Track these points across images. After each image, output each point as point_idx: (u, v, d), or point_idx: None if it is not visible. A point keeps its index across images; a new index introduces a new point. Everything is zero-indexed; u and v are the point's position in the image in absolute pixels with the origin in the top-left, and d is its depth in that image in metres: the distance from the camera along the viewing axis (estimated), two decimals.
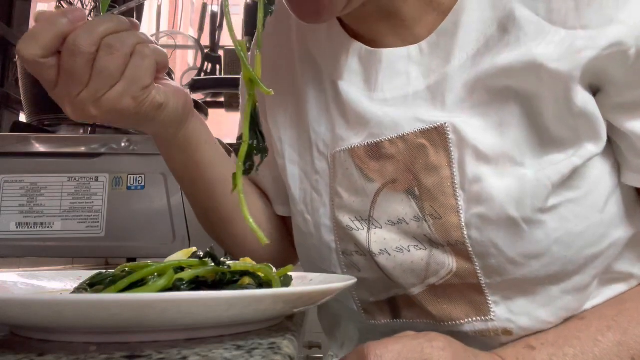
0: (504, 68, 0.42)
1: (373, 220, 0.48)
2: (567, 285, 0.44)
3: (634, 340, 0.43)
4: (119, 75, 0.41)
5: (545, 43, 0.41)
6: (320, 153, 0.52)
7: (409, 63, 0.47)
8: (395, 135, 0.46)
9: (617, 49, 0.39)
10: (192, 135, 0.52)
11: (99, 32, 0.40)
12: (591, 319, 0.45)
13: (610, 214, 0.44)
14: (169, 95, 0.46)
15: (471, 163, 0.43)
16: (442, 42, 0.46)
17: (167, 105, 0.46)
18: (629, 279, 0.48)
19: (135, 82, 0.42)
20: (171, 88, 0.47)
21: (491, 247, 0.43)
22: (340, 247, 0.50)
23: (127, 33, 0.42)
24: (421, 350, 0.39)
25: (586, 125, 0.42)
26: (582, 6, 0.40)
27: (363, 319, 0.52)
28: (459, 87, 0.44)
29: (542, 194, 0.41)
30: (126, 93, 0.42)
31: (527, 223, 0.42)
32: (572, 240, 0.43)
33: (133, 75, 0.42)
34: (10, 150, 0.79)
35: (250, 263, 0.38)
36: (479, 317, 0.46)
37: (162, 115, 0.46)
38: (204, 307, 0.27)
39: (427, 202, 0.45)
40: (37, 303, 0.25)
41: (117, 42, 0.40)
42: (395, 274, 0.47)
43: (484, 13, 0.44)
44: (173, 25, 2.37)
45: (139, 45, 0.42)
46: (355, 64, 0.50)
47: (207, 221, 0.62)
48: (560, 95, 0.41)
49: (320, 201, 0.51)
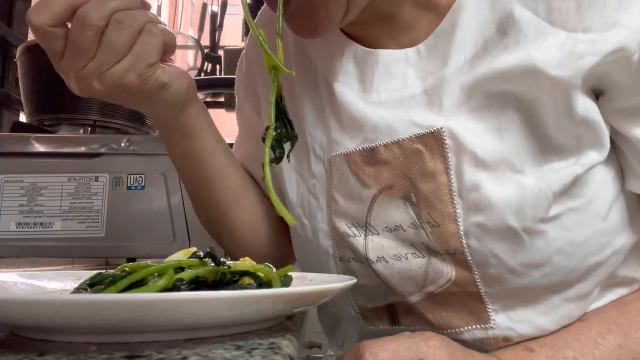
0: (503, 72, 0.41)
1: (370, 227, 0.47)
2: (568, 293, 0.43)
3: (635, 343, 0.42)
4: (126, 51, 0.41)
5: (545, 46, 0.39)
6: (317, 157, 0.51)
7: (406, 65, 0.46)
8: (391, 140, 0.45)
9: (620, 55, 0.38)
10: (193, 121, 0.52)
11: (110, 7, 0.40)
12: (592, 321, 0.44)
13: (613, 222, 0.43)
14: (173, 76, 0.46)
15: (469, 169, 0.42)
16: (439, 44, 0.44)
17: (171, 86, 0.46)
18: (633, 283, 0.47)
19: (142, 58, 0.42)
20: (176, 70, 0.47)
21: (490, 257, 0.42)
22: (338, 253, 0.50)
23: (137, 11, 0.42)
24: (417, 349, 0.39)
25: (588, 133, 0.41)
26: (583, 6, 0.39)
27: (361, 324, 0.52)
28: (456, 91, 0.43)
29: (543, 204, 0.40)
30: (131, 69, 0.42)
31: (527, 233, 0.41)
32: (574, 250, 0.41)
33: (140, 52, 0.42)
34: (10, 150, 0.79)
35: (250, 263, 0.38)
36: (479, 325, 0.45)
37: (165, 95, 0.46)
38: (204, 307, 0.27)
39: (424, 209, 0.44)
40: (37, 303, 0.25)
41: (127, 18, 0.40)
42: (393, 282, 0.46)
43: (483, 13, 0.42)
44: (173, 25, 2.37)
45: (149, 24, 0.42)
46: (351, 64, 0.49)
47: (205, 214, 0.61)
48: (560, 102, 0.40)
49: (318, 205, 0.51)
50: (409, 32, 0.47)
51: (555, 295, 0.43)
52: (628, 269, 0.46)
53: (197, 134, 0.53)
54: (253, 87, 0.61)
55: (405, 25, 0.47)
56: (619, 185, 0.44)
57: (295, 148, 0.54)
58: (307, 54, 0.54)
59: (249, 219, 0.61)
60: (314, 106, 0.52)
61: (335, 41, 0.51)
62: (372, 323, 0.51)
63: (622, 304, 0.46)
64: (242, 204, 0.60)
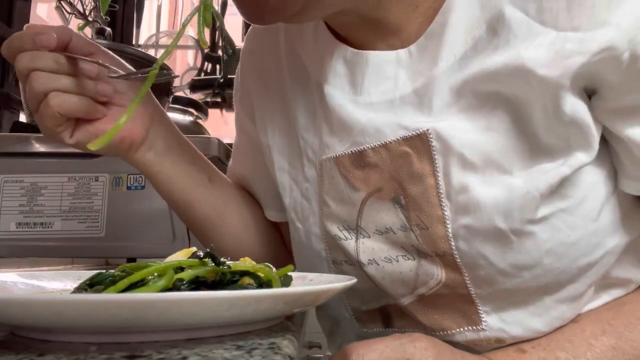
0: (493, 72, 0.40)
1: (361, 230, 0.47)
2: (560, 295, 0.43)
3: (629, 345, 0.41)
4: (35, 107, 0.47)
5: (534, 46, 0.38)
6: (309, 160, 0.51)
7: (398, 67, 0.45)
8: (378, 144, 0.45)
9: (609, 53, 0.37)
10: (143, 165, 0.54)
11: (32, 64, 0.45)
12: (586, 322, 0.44)
13: (605, 222, 0.42)
14: (86, 136, 0.49)
15: (457, 171, 0.41)
16: (430, 44, 0.44)
17: (83, 143, 0.49)
18: (628, 284, 0.47)
19: (42, 119, 0.47)
20: (99, 129, 0.50)
21: (480, 259, 0.41)
22: (330, 256, 0.49)
23: (53, 76, 0.46)
24: (403, 350, 0.39)
25: (577, 134, 0.40)
26: (573, 6, 0.38)
27: (356, 327, 0.52)
28: (445, 91, 0.42)
29: (530, 205, 0.40)
30: (41, 122, 0.48)
31: (515, 234, 0.40)
32: (565, 251, 0.41)
33: (40, 113, 0.47)
34: (10, 150, 0.79)
35: (250, 263, 0.38)
36: (471, 327, 0.45)
37: (79, 149, 0.50)
38: (204, 307, 0.27)
39: (413, 212, 0.43)
40: (37, 303, 0.25)
41: (34, 81, 0.45)
42: (385, 284, 0.46)
43: (473, 12, 0.42)
44: (173, 25, 2.37)
45: (52, 93, 0.46)
46: (341, 66, 0.48)
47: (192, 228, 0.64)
48: (548, 102, 0.39)
49: (310, 209, 0.51)
50: (399, 33, 0.46)
51: (547, 296, 0.43)
52: (623, 270, 0.45)
53: (154, 175, 0.55)
54: (248, 97, 0.60)
55: (394, 27, 0.46)
56: (611, 186, 0.43)
57: (290, 151, 0.54)
58: (298, 55, 0.53)
59: (232, 243, 0.62)
60: (306, 109, 0.52)
61: (325, 43, 0.50)
62: (366, 325, 0.51)
63: (618, 304, 0.46)
64: (223, 230, 0.61)
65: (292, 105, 0.53)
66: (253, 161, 0.62)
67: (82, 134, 0.49)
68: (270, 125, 0.56)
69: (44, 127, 0.48)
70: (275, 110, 0.55)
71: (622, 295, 0.47)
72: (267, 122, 0.56)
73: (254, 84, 0.59)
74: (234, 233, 0.62)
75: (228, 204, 0.61)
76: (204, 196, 0.59)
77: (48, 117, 0.46)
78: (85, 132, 0.49)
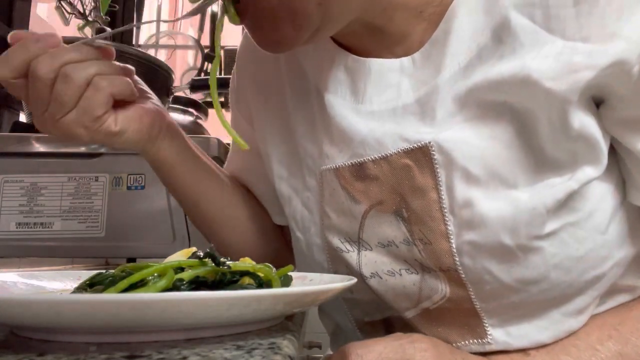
0: (498, 82, 0.39)
1: (363, 242, 0.46)
2: (568, 308, 0.42)
3: (635, 351, 0.41)
4: (73, 104, 0.43)
5: (541, 56, 0.37)
6: (310, 169, 0.50)
7: (401, 75, 0.44)
8: (379, 156, 0.44)
9: (619, 67, 0.36)
10: (165, 155, 0.53)
11: (60, 60, 0.42)
12: (591, 327, 0.43)
13: (613, 235, 0.41)
14: (128, 122, 0.47)
15: (460, 185, 0.40)
16: (433, 52, 0.42)
17: (125, 132, 0.47)
18: (634, 290, 0.46)
19: (87, 112, 0.43)
20: (134, 113, 0.48)
21: (485, 274, 0.41)
22: (332, 268, 0.49)
23: (87, 63, 0.43)
24: (403, 351, 0.39)
25: (585, 149, 0.39)
26: (582, 14, 0.36)
27: (359, 337, 0.52)
28: (449, 100, 0.41)
29: (537, 221, 0.39)
30: (78, 121, 0.43)
31: (522, 250, 0.39)
32: (573, 265, 0.40)
33: (85, 106, 0.43)
34: (10, 150, 0.79)
35: (250, 263, 0.38)
36: (476, 339, 0.44)
37: (120, 140, 0.48)
38: (204, 307, 0.26)
39: (415, 226, 0.43)
40: (37, 303, 0.25)
41: (73, 72, 0.42)
42: (388, 297, 0.46)
43: (477, 19, 0.40)
44: (173, 25, 2.37)
45: (96, 77, 0.43)
46: (342, 74, 0.47)
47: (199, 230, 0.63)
48: (555, 116, 0.38)
49: (312, 219, 0.50)
50: (402, 41, 0.45)
51: (553, 309, 0.42)
52: (629, 279, 0.45)
53: (173, 166, 0.54)
54: (245, 101, 0.60)
55: (397, 35, 0.44)
56: (619, 198, 0.42)
57: (290, 160, 0.53)
58: (298, 62, 0.52)
59: (237, 240, 0.61)
60: (305, 117, 0.51)
61: (326, 50, 0.49)
62: (369, 336, 0.51)
63: (624, 310, 0.45)
64: (232, 224, 0.61)
65: (292, 113, 0.52)
66: (252, 163, 0.62)
67: (124, 120, 0.47)
68: (269, 133, 0.55)
69: (89, 119, 0.44)
70: (275, 118, 0.55)
71: (627, 301, 0.46)
72: (265, 129, 0.56)
73: (252, 88, 0.58)
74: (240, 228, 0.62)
75: (237, 204, 0.61)
76: (219, 193, 0.59)
77: (98, 104, 0.43)
78: (124, 118, 0.47)
